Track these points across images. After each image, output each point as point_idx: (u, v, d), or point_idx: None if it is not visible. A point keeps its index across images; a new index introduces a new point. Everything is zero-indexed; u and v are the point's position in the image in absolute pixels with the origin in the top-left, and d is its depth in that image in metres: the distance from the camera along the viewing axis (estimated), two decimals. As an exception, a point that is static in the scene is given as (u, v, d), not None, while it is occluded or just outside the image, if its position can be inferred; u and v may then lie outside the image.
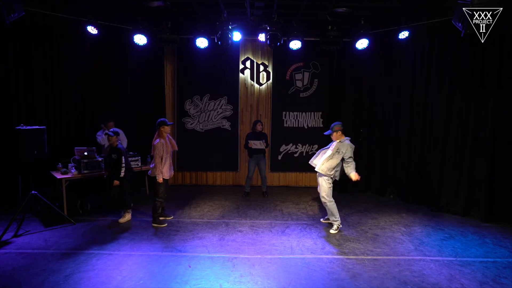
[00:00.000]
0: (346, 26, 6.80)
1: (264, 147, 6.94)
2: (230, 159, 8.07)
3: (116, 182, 5.45)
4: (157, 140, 5.21)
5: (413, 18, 6.29)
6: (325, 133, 5.43)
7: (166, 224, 5.44)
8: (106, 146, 6.30)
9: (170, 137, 5.51)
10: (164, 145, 5.23)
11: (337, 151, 5.11)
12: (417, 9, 5.96)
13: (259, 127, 7.03)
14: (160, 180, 5.27)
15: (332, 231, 5.26)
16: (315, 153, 8.00)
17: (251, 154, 7.04)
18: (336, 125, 5.24)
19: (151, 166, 5.40)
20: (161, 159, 5.22)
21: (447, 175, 6.30)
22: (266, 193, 7.23)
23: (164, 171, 5.29)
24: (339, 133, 5.20)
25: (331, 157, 5.13)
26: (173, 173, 5.56)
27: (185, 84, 7.88)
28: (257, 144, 6.86)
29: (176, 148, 5.62)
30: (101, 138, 6.48)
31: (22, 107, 6.09)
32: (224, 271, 4.03)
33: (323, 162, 5.21)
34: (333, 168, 5.13)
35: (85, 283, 3.74)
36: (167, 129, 5.29)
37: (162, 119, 5.31)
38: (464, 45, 5.83)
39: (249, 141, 6.91)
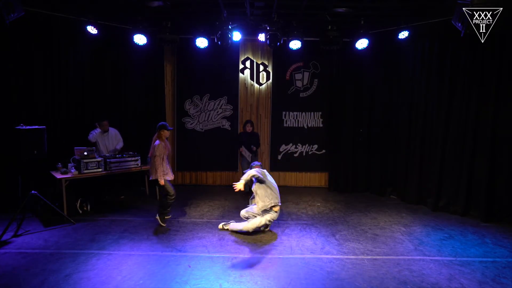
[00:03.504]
0: (346, 26, 6.79)
1: (252, 153, 7.20)
2: (230, 159, 8.07)
3: None
4: (157, 141, 5.26)
5: (413, 18, 6.29)
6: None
7: (165, 225, 5.42)
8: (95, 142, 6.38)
9: (168, 142, 5.55)
10: (164, 147, 5.30)
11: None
12: (417, 9, 5.96)
13: (248, 128, 7.22)
14: (161, 182, 5.27)
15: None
16: (315, 153, 8.15)
17: (242, 154, 7.25)
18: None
19: (150, 168, 5.38)
20: (162, 161, 5.26)
21: (447, 175, 6.30)
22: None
23: (168, 173, 5.38)
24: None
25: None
26: (173, 176, 5.59)
27: (185, 84, 7.87)
28: (246, 153, 7.14)
29: (171, 153, 5.70)
30: (92, 136, 6.43)
31: (22, 107, 6.08)
32: (224, 271, 4.04)
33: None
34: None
35: (85, 283, 3.74)
36: (166, 133, 5.36)
37: (163, 122, 5.40)
38: (464, 45, 5.83)
39: (243, 146, 7.20)
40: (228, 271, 4.05)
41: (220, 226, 5.36)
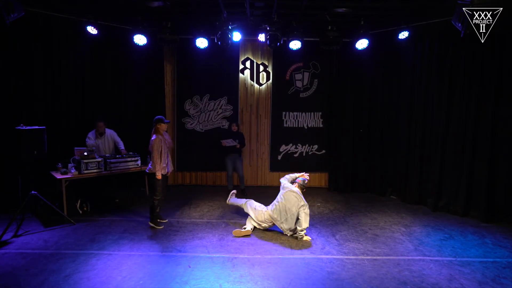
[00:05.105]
0: (346, 26, 6.79)
1: (236, 143, 6.99)
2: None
3: None
4: (154, 136, 5.21)
5: (413, 18, 6.29)
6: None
7: (162, 226, 5.38)
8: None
9: (167, 134, 5.52)
10: (161, 141, 5.23)
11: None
12: (417, 9, 5.96)
13: (233, 128, 7.20)
14: (158, 176, 5.23)
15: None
16: (315, 153, 8.14)
17: (226, 153, 7.12)
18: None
19: (149, 162, 5.34)
20: (160, 155, 5.21)
21: (447, 175, 6.30)
22: (244, 191, 7.25)
23: (162, 168, 5.27)
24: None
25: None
26: (172, 169, 5.59)
27: (185, 84, 7.87)
28: (229, 142, 6.96)
29: (172, 145, 5.63)
30: (90, 142, 6.33)
31: (22, 107, 6.08)
32: (224, 271, 4.04)
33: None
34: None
35: (85, 283, 3.74)
36: (163, 126, 5.29)
37: (159, 116, 5.33)
38: (464, 45, 5.83)
39: (221, 140, 7.02)
40: (228, 271, 4.05)
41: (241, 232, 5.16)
